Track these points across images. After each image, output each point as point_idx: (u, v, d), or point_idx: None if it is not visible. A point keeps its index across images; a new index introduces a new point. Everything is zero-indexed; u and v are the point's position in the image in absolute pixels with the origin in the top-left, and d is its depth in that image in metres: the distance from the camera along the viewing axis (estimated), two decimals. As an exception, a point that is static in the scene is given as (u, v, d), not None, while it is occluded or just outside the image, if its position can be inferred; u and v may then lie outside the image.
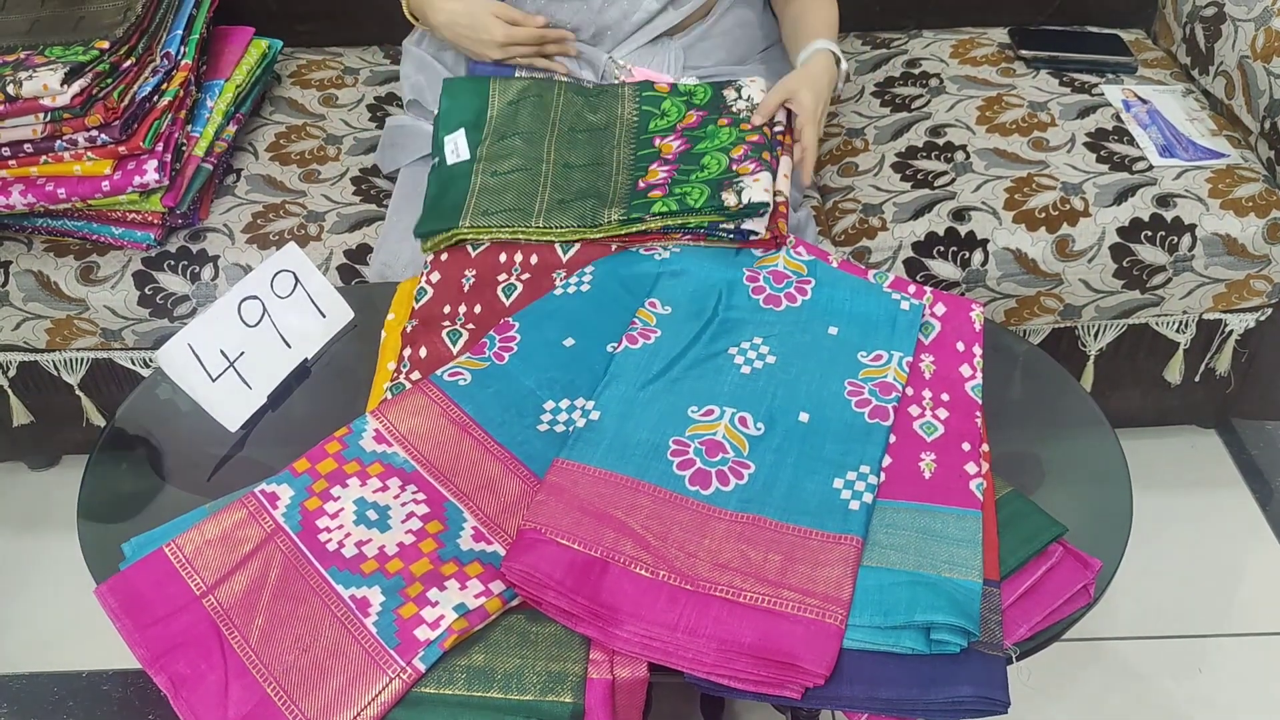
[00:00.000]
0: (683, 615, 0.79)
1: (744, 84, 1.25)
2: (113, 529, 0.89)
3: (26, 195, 1.33)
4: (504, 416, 0.95)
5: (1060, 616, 0.83)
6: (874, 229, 1.41)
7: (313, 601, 0.82)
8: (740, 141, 1.16)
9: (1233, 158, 1.44)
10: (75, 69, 1.24)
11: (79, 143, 1.29)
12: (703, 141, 1.18)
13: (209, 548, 0.85)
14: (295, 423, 1.02)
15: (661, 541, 0.83)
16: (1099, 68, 1.60)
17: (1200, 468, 1.70)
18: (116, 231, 1.39)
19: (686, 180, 1.13)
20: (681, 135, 1.20)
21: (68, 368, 1.50)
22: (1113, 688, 1.43)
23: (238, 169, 1.51)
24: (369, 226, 1.43)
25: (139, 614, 0.82)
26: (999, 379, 1.01)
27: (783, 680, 0.76)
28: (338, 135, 1.59)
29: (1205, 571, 1.55)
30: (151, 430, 1.05)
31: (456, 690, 0.77)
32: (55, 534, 1.66)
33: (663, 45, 1.37)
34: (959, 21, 1.75)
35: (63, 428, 1.59)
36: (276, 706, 0.77)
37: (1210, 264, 1.38)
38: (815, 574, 0.81)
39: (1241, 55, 1.48)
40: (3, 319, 1.43)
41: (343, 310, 1.10)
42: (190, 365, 0.98)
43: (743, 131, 1.18)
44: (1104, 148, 1.45)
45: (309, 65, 1.72)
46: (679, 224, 1.09)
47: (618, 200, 1.13)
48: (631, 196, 1.13)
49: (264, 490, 0.89)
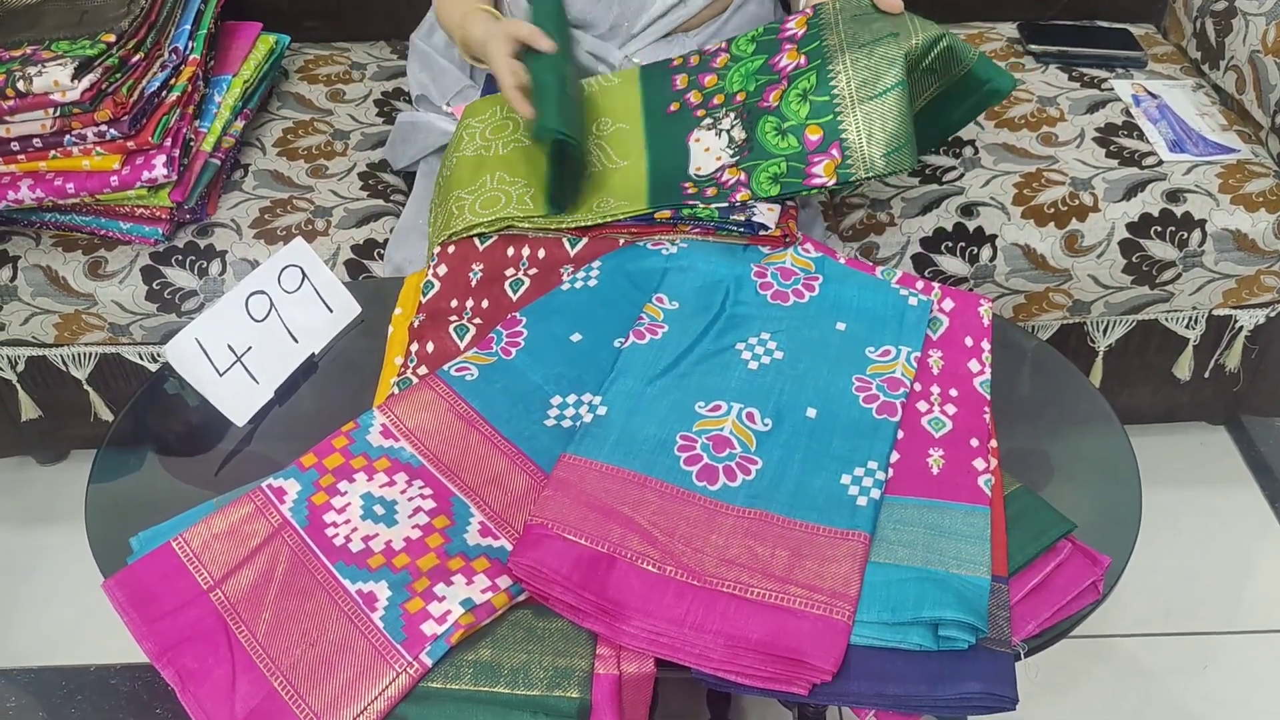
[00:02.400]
0: (690, 611, 0.79)
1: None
2: (121, 523, 0.89)
3: (35, 190, 1.33)
4: (511, 412, 0.95)
5: (1068, 613, 0.83)
6: (882, 225, 1.40)
7: (319, 596, 0.82)
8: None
9: (1243, 153, 1.43)
10: (84, 64, 1.24)
11: (88, 138, 1.29)
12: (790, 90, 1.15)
13: (216, 542, 0.85)
14: (302, 417, 1.02)
15: (668, 537, 0.83)
16: (1108, 62, 1.59)
17: (1209, 464, 1.69)
18: (124, 226, 1.39)
19: (754, 167, 1.10)
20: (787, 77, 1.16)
21: (76, 362, 1.50)
22: (1121, 684, 1.42)
23: (245, 164, 1.51)
24: (376, 222, 1.44)
25: (147, 608, 0.82)
26: (1007, 375, 1.00)
27: (790, 676, 0.76)
28: (345, 131, 1.59)
29: (1214, 568, 1.55)
30: (159, 425, 1.05)
31: (463, 685, 0.77)
32: (63, 528, 1.67)
33: (676, 41, 1.36)
34: (968, 16, 1.74)
35: (71, 422, 1.59)
36: (283, 700, 0.77)
37: (1220, 259, 1.38)
38: (823, 570, 0.81)
39: (1252, 50, 1.47)
40: (11, 314, 1.44)
41: (350, 305, 1.10)
42: (198, 360, 0.98)
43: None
44: (1113, 143, 1.45)
45: (316, 61, 1.72)
46: (689, 213, 1.09)
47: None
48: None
49: (271, 485, 0.89)
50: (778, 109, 1.11)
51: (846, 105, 1.07)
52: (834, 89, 1.08)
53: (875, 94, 1.06)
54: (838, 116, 1.07)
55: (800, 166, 1.08)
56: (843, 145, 1.06)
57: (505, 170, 1.18)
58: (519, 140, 1.21)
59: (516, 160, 1.18)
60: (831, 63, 1.10)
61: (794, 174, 1.08)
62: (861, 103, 1.06)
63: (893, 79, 1.05)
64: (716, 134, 1.15)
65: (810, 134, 1.08)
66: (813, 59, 1.12)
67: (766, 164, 1.09)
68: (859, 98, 1.07)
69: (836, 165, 1.06)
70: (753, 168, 1.09)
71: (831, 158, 1.07)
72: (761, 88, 1.14)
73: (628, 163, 1.16)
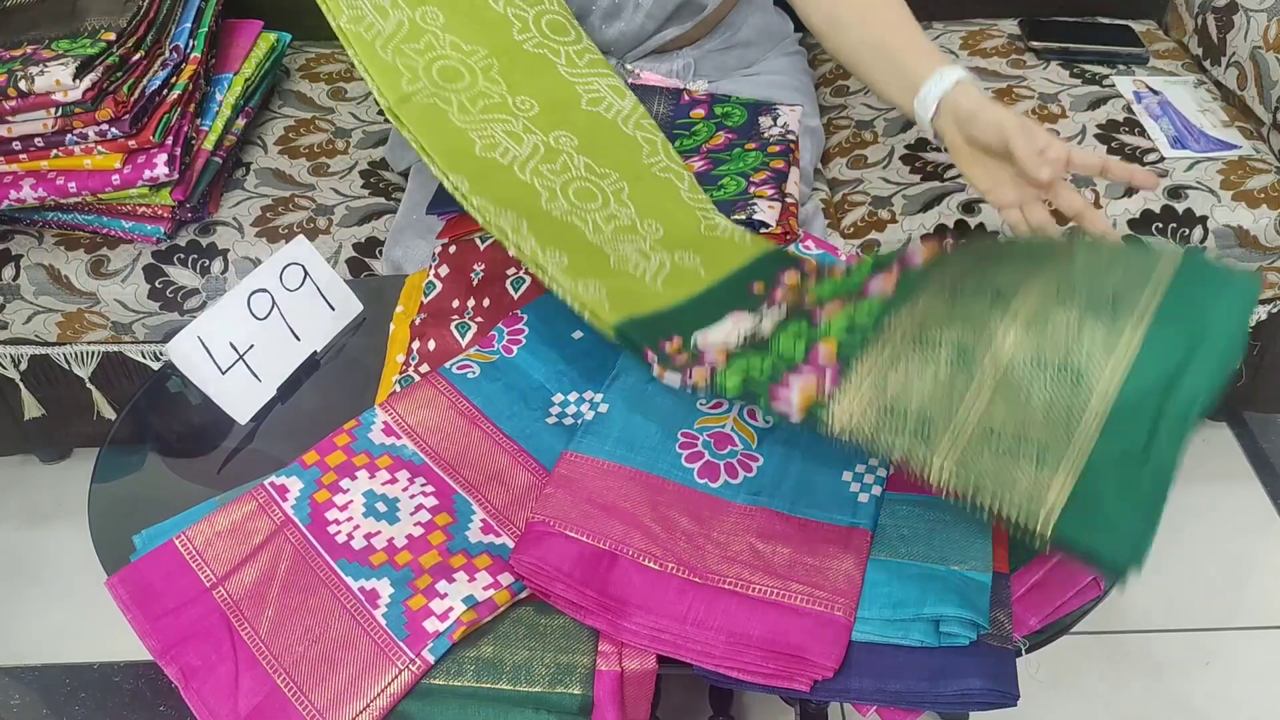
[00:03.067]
0: (691, 607, 0.79)
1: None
2: (123, 521, 0.90)
3: (37, 189, 1.33)
4: (512, 409, 0.95)
5: (1070, 609, 0.83)
6: (883, 221, 1.41)
7: (322, 593, 0.82)
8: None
9: (1245, 149, 1.43)
10: (85, 63, 1.24)
11: (89, 137, 1.29)
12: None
13: (219, 540, 0.85)
14: (304, 415, 1.02)
15: (670, 534, 0.83)
16: (1110, 59, 1.59)
17: (1211, 461, 1.69)
18: (126, 225, 1.40)
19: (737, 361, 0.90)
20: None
21: (78, 361, 1.50)
22: (1122, 681, 1.42)
23: (246, 163, 1.51)
24: (378, 220, 1.44)
25: (150, 605, 0.82)
26: (1009, 371, 1.00)
27: (791, 673, 0.76)
28: (346, 129, 1.59)
29: (1216, 565, 1.55)
30: (161, 423, 1.05)
31: (465, 682, 0.77)
32: (66, 526, 1.67)
33: (673, 54, 1.36)
34: (969, 13, 1.74)
35: (73, 421, 1.60)
36: (286, 697, 0.77)
37: (1222, 256, 1.38)
38: (824, 567, 0.81)
39: (1254, 46, 1.47)
40: (14, 313, 1.44)
41: (351, 303, 1.10)
42: (200, 358, 0.98)
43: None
44: (1115, 139, 1.45)
45: (317, 59, 1.73)
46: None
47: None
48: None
49: (273, 482, 0.89)
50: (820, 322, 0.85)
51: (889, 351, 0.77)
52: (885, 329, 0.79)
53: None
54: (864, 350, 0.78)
55: (782, 371, 0.80)
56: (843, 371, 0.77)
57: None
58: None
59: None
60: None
61: (761, 382, 0.80)
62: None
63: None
64: (752, 316, 0.92)
65: (824, 345, 0.78)
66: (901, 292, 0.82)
67: (754, 358, 0.84)
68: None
69: (813, 402, 0.76)
70: (733, 360, 0.85)
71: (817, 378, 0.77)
72: (828, 299, 0.87)
73: (662, 288, 0.95)
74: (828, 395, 0.74)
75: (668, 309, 0.93)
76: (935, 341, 0.73)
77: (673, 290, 0.94)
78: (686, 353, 0.87)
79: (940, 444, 0.69)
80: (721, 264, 0.99)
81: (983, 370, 0.71)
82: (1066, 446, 0.67)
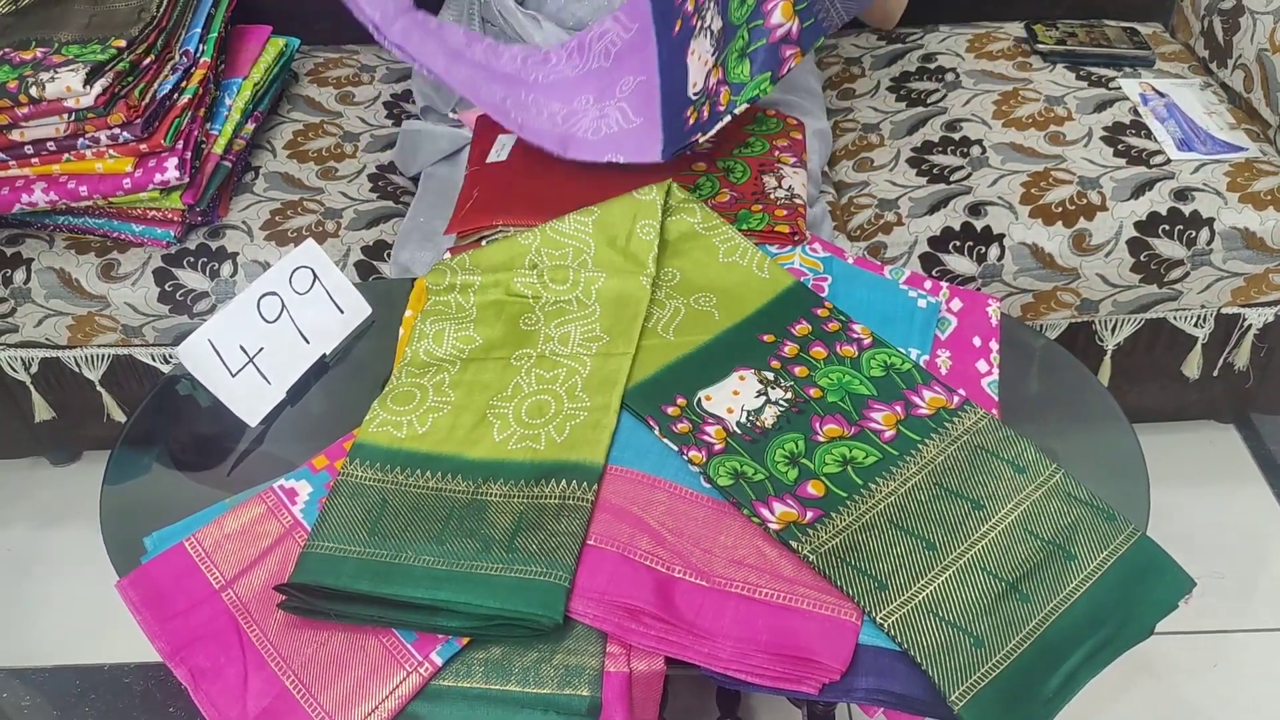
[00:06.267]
0: (699, 612, 0.79)
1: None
2: (134, 523, 0.90)
3: (49, 193, 1.34)
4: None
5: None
6: (890, 224, 1.41)
7: (331, 595, 0.83)
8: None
9: (1251, 151, 1.43)
10: (95, 69, 1.24)
11: (101, 141, 1.30)
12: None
13: (228, 542, 0.86)
14: (313, 418, 1.02)
15: (678, 538, 0.83)
16: (1116, 61, 1.59)
17: (1218, 463, 1.69)
18: (137, 229, 1.40)
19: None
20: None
21: (89, 364, 1.51)
22: (1128, 683, 1.42)
23: (256, 166, 1.52)
24: (386, 223, 1.44)
25: (160, 607, 0.82)
26: (1016, 374, 1.00)
27: (799, 676, 0.76)
28: (355, 133, 1.59)
29: (1223, 566, 1.55)
30: (172, 426, 1.05)
31: (474, 683, 0.78)
32: (77, 529, 1.68)
33: None
34: (975, 16, 1.74)
35: (84, 423, 1.60)
36: (295, 699, 0.77)
37: (1229, 258, 1.38)
38: (831, 569, 0.82)
39: (1260, 48, 1.47)
40: (25, 316, 1.45)
41: (360, 306, 1.10)
42: (210, 361, 0.98)
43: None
44: (1121, 141, 1.44)
45: (326, 63, 1.73)
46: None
47: None
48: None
49: (283, 486, 0.90)
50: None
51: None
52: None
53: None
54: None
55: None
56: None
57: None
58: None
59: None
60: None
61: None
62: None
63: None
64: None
65: (813, 485, 0.86)
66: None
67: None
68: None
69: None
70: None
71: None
72: (831, 407, 0.93)
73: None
74: (806, 524, 0.83)
75: (677, 360, 0.96)
76: (911, 532, 0.82)
77: (684, 337, 0.98)
78: (688, 420, 0.91)
79: (890, 605, 0.78)
80: (736, 307, 1.01)
81: (943, 564, 0.81)
82: (1002, 647, 0.76)
